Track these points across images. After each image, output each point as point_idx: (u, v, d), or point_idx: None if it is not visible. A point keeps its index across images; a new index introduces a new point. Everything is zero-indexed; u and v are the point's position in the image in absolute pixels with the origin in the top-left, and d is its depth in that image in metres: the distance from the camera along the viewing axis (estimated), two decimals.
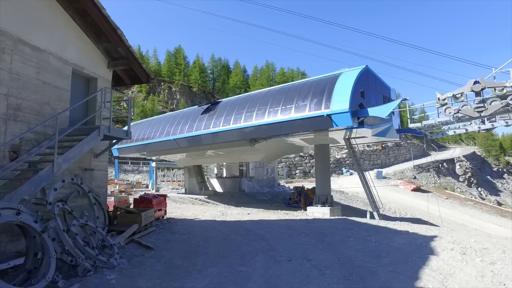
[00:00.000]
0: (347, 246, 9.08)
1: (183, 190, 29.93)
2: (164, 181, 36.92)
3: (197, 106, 24.80)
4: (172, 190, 31.84)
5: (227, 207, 20.67)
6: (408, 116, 17.83)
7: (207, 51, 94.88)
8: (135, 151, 26.05)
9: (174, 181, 37.52)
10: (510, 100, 13.57)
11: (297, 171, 45.51)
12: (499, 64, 15.96)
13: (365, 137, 17.84)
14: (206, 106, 22.02)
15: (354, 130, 15.09)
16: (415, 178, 46.07)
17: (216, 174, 34.93)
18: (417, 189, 38.58)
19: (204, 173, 33.47)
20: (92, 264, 6.64)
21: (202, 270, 6.93)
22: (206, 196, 25.71)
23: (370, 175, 21.14)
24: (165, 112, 42.02)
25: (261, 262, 7.52)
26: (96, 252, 7.01)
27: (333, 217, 16.22)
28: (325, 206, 17.84)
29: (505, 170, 64.36)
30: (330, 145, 21.58)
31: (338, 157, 47.71)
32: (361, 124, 14.32)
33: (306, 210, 18.77)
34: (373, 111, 14.27)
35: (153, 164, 31.44)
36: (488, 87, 14.21)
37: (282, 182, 38.61)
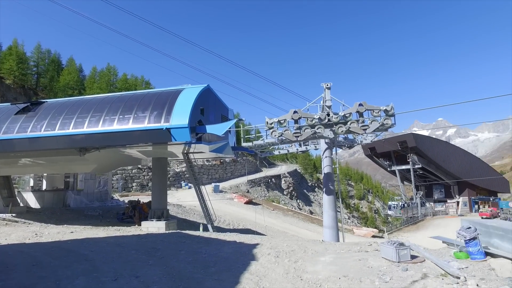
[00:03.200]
0: (178, 259, 9.18)
1: None
2: None
3: (10, 103, 20.36)
4: None
5: (44, 226, 17.51)
6: (242, 136, 19.79)
7: (31, 39, 79.64)
8: None
9: None
10: (317, 129, 16.93)
11: (134, 184, 43.05)
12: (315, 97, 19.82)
13: (203, 152, 18.64)
14: (24, 105, 18.38)
15: (192, 145, 15.57)
16: (248, 192, 50.90)
17: (32, 186, 29.20)
18: (250, 202, 42.67)
19: (15, 185, 27.53)
20: None
21: None
22: (14, 214, 21.05)
23: (208, 189, 22.18)
24: None
25: (81, 286, 6.74)
26: None
27: (168, 231, 16.09)
28: (160, 221, 17.50)
29: (316, 184, 78.90)
30: (170, 158, 21.51)
31: (177, 170, 47.86)
32: (199, 140, 14.94)
33: (140, 225, 17.93)
34: (211, 129, 15.16)
35: None
36: (303, 117, 17.32)
37: (116, 196, 35.70)
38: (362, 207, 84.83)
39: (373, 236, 39.44)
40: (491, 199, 66.01)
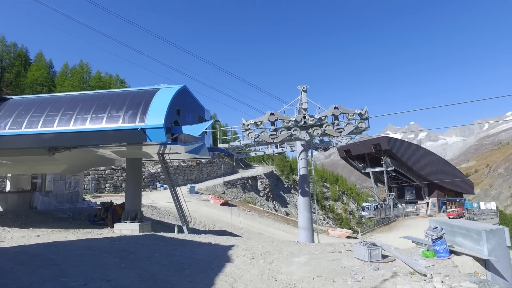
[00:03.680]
0: (152, 262, 9.00)
1: None
2: None
3: None
4: None
5: (6, 229, 16.62)
6: (218, 137, 19.70)
7: None
8: None
9: None
10: (293, 131, 17.10)
11: (107, 185, 41.85)
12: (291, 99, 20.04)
13: (178, 153, 18.39)
14: None
15: (168, 146, 15.32)
16: (224, 193, 50.64)
17: None
18: (226, 203, 42.44)
19: None
20: None
21: None
22: None
23: (183, 190, 21.88)
24: None
25: None
26: None
27: (142, 234, 15.74)
28: (134, 222, 17.11)
29: (292, 186, 79.51)
30: (145, 159, 21.07)
31: (152, 171, 46.97)
32: (174, 141, 14.72)
33: (113, 227, 17.45)
34: (187, 129, 14.98)
35: None
36: (280, 119, 17.45)
37: (88, 197, 34.57)
38: (337, 208, 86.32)
39: (348, 237, 40.22)
40: (458, 200, 69.11)
